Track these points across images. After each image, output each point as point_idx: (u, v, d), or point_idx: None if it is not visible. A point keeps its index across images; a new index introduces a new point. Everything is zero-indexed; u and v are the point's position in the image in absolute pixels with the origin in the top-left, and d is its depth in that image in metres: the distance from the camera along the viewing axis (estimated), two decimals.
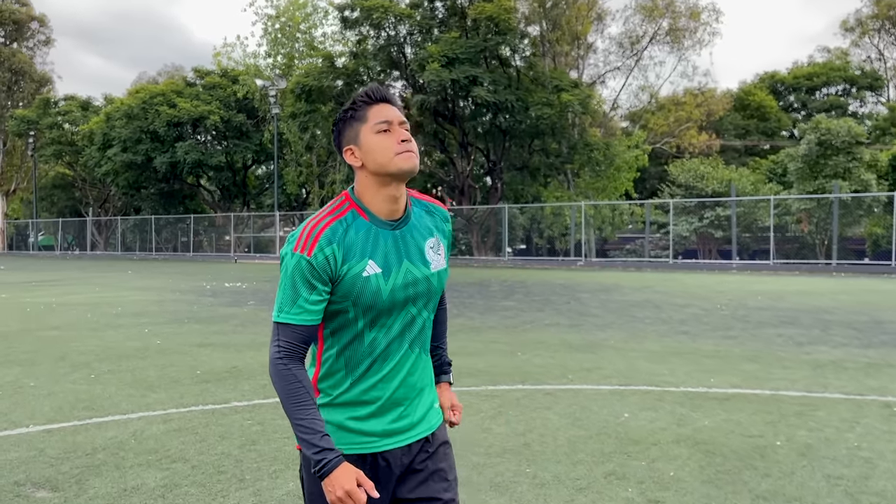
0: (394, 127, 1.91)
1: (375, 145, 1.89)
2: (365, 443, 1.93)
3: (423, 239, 1.98)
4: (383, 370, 1.93)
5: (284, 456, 4.72)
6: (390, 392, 1.94)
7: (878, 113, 45.42)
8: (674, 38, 34.53)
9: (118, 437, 5.15)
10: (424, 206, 2.06)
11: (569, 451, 4.77)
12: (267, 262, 36.88)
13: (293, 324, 1.86)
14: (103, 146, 45.15)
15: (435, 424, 2.06)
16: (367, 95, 1.94)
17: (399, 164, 1.88)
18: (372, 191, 1.92)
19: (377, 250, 1.89)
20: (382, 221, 1.92)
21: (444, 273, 2.02)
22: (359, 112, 1.93)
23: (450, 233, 2.12)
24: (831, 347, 8.82)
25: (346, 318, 1.90)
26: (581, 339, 9.57)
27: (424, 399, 2.03)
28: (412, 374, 1.98)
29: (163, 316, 12.42)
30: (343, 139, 1.96)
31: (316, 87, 32.60)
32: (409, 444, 1.98)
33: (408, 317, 1.94)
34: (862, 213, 27.87)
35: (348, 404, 1.93)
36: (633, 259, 31.96)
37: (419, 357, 2.00)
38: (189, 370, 7.57)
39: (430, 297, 1.98)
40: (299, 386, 1.83)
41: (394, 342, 1.93)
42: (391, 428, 1.95)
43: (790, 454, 4.66)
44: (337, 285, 1.86)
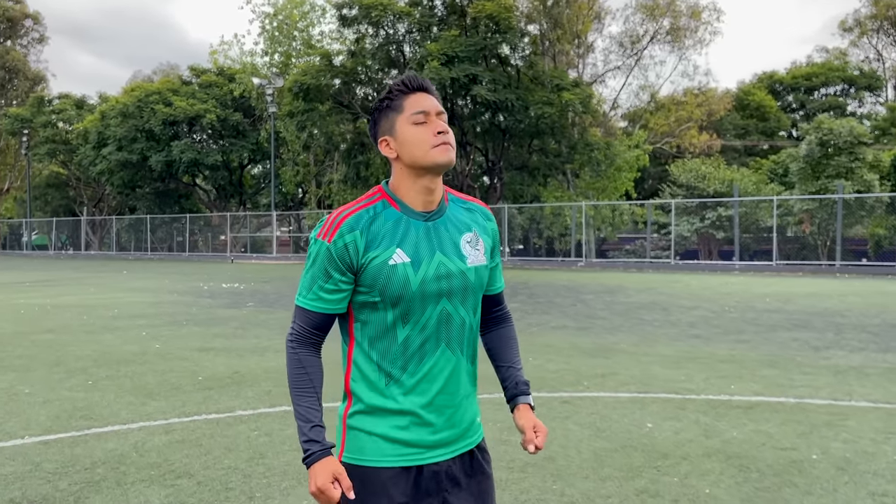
0: (430, 118, 1.84)
1: (411, 137, 1.83)
2: (408, 454, 1.83)
3: (459, 233, 1.90)
4: (420, 371, 1.83)
5: (295, 470, 4.47)
6: (430, 397, 1.84)
7: (877, 113, 45.33)
8: (674, 37, 34.36)
9: (118, 450, 4.89)
10: (463, 203, 1.98)
11: (595, 465, 4.53)
12: (264, 263, 36.58)
13: (307, 309, 1.86)
14: (98, 145, 44.79)
15: (478, 439, 1.96)
16: (403, 84, 1.87)
17: (434, 157, 1.82)
18: (407, 183, 1.86)
19: (407, 240, 1.82)
20: (414, 212, 1.86)
21: (483, 270, 1.92)
22: (395, 101, 1.86)
23: (494, 231, 2.01)
24: (849, 352, 8.61)
25: (375, 309, 1.83)
26: (591, 343, 9.34)
27: (468, 410, 1.93)
28: (453, 381, 1.87)
29: (160, 318, 12.14)
30: (378, 129, 1.90)
31: (314, 86, 32.32)
32: (451, 459, 1.88)
33: (443, 314, 1.84)
34: (864, 214, 27.71)
35: (385, 412, 1.83)
36: (635, 260, 31.77)
37: (460, 362, 1.89)
38: (190, 376, 7.31)
39: (466, 294, 1.88)
40: (303, 372, 1.83)
41: (429, 341, 1.83)
42: (435, 439, 1.85)
43: (829, 469, 4.42)
44: (362, 274, 1.81)
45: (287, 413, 5.83)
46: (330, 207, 41.85)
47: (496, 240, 2.02)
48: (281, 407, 6.04)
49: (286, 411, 5.90)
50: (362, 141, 35.41)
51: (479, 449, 1.96)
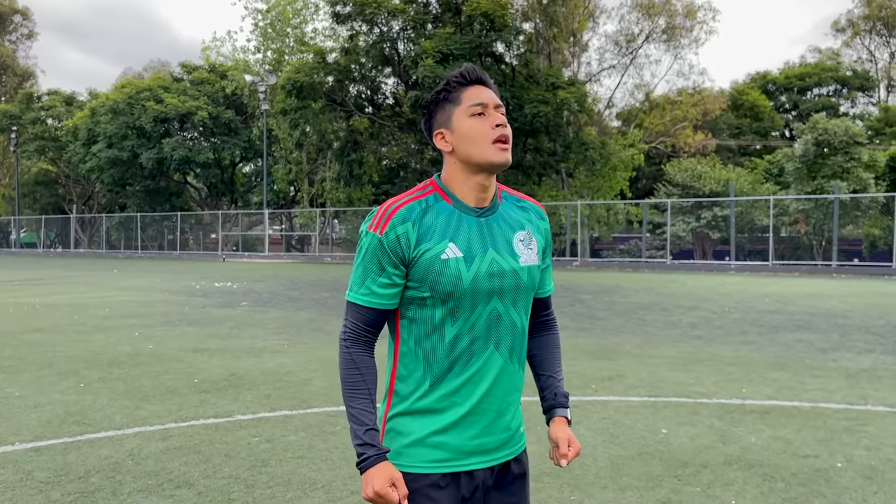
0: (489, 110, 1.79)
1: (469, 129, 1.78)
2: (447, 460, 1.77)
3: (512, 231, 1.84)
4: (466, 372, 1.76)
5: (300, 480, 4.27)
6: (475, 401, 1.77)
7: (870, 114, 45.43)
8: (670, 36, 34.26)
9: (113, 457, 4.68)
10: (517, 201, 1.93)
11: (613, 473, 4.35)
12: (256, 261, 36.29)
13: (360, 304, 1.78)
14: (88, 142, 44.33)
15: (520, 448, 1.90)
16: (461, 76, 1.82)
17: (491, 156, 1.77)
18: (460, 178, 1.81)
19: (459, 234, 1.77)
20: (467, 207, 1.80)
21: (535, 270, 1.86)
22: (452, 94, 1.81)
23: (547, 231, 1.96)
24: (856, 354, 8.48)
25: (423, 305, 1.77)
26: (595, 345, 9.17)
27: (513, 417, 1.86)
28: (500, 384, 1.80)
29: (153, 318, 11.90)
30: (434, 122, 1.85)
31: (307, 84, 32.04)
32: (492, 467, 1.82)
33: (493, 313, 1.77)
34: (859, 214, 27.69)
35: (428, 412, 1.77)
36: (630, 259, 31.68)
37: (509, 364, 1.82)
38: (185, 378, 7.09)
39: (518, 294, 1.81)
40: (356, 372, 1.76)
41: (478, 341, 1.77)
42: (476, 444, 1.79)
43: (856, 478, 4.26)
44: (412, 268, 1.75)
45: (288, 418, 5.63)
46: (323, 206, 41.59)
47: (549, 240, 1.96)
48: (281, 411, 5.84)
49: (287, 416, 5.70)
50: (355, 139, 35.16)
51: (517, 461, 1.88)
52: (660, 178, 35.26)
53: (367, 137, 35.23)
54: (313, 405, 6.03)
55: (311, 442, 4.99)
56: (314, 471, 4.42)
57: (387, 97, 36.22)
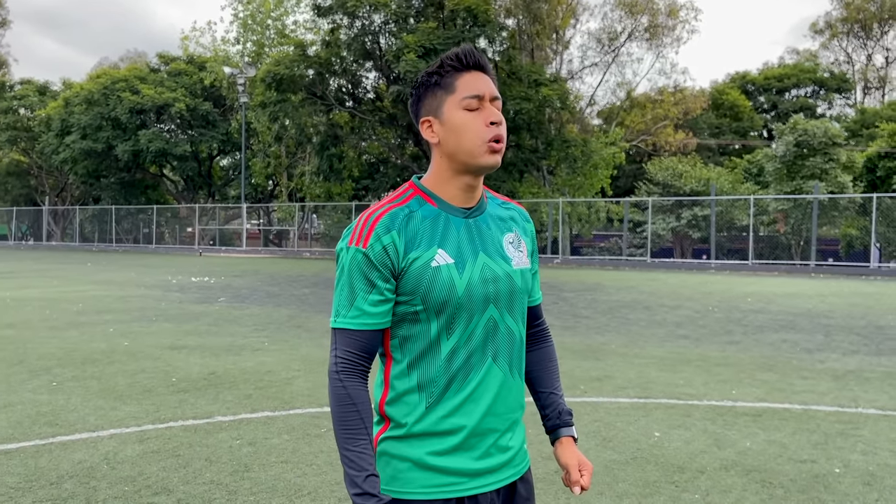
0: (485, 104, 1.61)
1: (460, 123, 1.60)
2: (448, 485, 1.60)
3: (501, 232, 1.69)
4: (465, 389, 1.60)
5: (284, 486, 4.10)
6: (476, 419, 1.61)
7: (847, 115, 45.94)
8: (652, 34, 34.32)
9: (88, 461, 4.47)
10: (502, 203, 1.78)
11: (609, 479, 4.23)
12: (233, 256, 35.85)
13: (351, 329, 1.58)
14: (61, 132, 43.49)
15: (525, 467, 1.74)
16: (457, 59, 1.61)
17: (480, 158, 1.60)
18: (446, 175, 1.64)
19: (448, 239, 1.61)
20: (453, 208, 1.64)
21: (527, 274, 1.72)
22: (446, 79, 1.61)
23: (533, 234, 1.82)
24: (842, 355, 8.46)
25: (416, 320, 1.60)
26: (580, 344, 9.08)
27: (516, 434, 1.71)
28: (502, 399, 1.65)
29: (128, 313, 11.61)
30: (422, 108, 1.66)
31: (287, 76, 31.63)
32: (497, 490, 1.66)
33: (490, 322, 1.62)
34: (836, 215, 27.95)
35: (426, 435, 1.60)
36: (611, 257, 31.72)
37: (509, 378, 1.66)
38: (163, 377, 6.87)
39: (513, 300, 1.66)
40: (353, 410, 1.55)
41: (475, 354, 1.61)
42: (479, 467, 1.62)
43: (855, 484, 4.18)
44: (402, 279, 1.58)
45: (271, 419, 5.45)
46: (302, 201, 41.19)
47: (535, 244, 1.82)
48: (263, 412, 5.65)
49: (269, 417, 5.52)
50: (336, 133, 34.82)
51: (523, 480, 1.73)
52: (641, 176, 35.35)
53: (348, 132, 34.91)
54: (296, 406, 5.85)
55: (295, 445, 4.82)
56: (299, 476, 4.25)
57: (368, 91, 35.92)
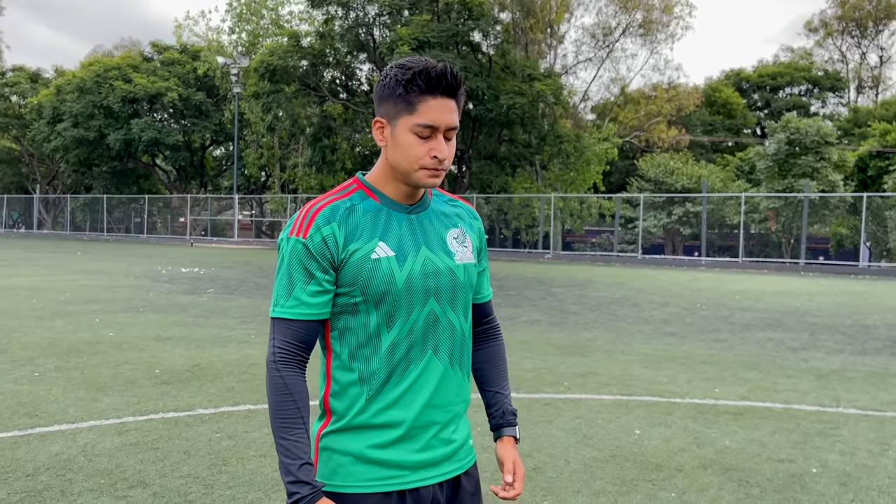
0: (436, 136, 1.60)
1: (405, 146, 1.60)
2: (389, 478, 1.62)
3: (445, 228, 1.71)
4: (404, 382, 1.62)
5: (262, 480, 4.09)
6: (416, 412, 1.63)
7: (840, 114, 46.05)
8: (646, 30, 34.30)
9: (65, 453, 4.45)
10: (447, 199, 1.79)
11: (586, 477, 4.24)
12: (224, 247, 35.75)
13: (289, 319, 1.60)
14: (53, 120, 43.20)
15: (470, 462, 1.75)
16: (427, 81, 1.57)
17: (418, 179, 1.62)
18: (389, 176, 1.66)
19: (389, 233, 1.63)
20: (395, 203, 1.66)
21: (472, 269, 1.73)
22: (410, 96, 1.58)
23: (481, 231, 1.82)
24: (827, 354, 8.49)
25: (356, 312, 1.62)
26: (566, 340, 9.09)
27: (459, 428, 1.72)
28: (442, 392, 1.66)
29: (116, 304, 11.57)
30: (380, 106, 1.65)
31: (280, 67, 31.51)
32: (440, 483, 1.68)
33: (431, 316, 1.64)
34: (827, 213, 28.06)
35: (366, 427, 1.62)
36: (602, 253, 31.78)
37: (450, 371, 1.67)
38: (146, 369, 6.85)
39: (455, 294, 1.68)
40: (289, 399, 1.56)
41: (415, 347, 1.63)
42: (420, 459, 1.64)
43: (831, 484, 4.20)
44: (341, 270, 1.60)
45: (252, 413, 5.44)
46: (294, 192, 41.08)
47: (483, 242, 1.83)
48: (245, 406, 5.64)
49: (250, 411, 5.51)
50: (329, 125, 34.72)
51: (467, 475, 1.74)
52: (633, 172, 35.38)
53: (341, 123, 34.81)
54: None
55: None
56: (276, 470, 4.24)
57: (361, 83, 35.81)
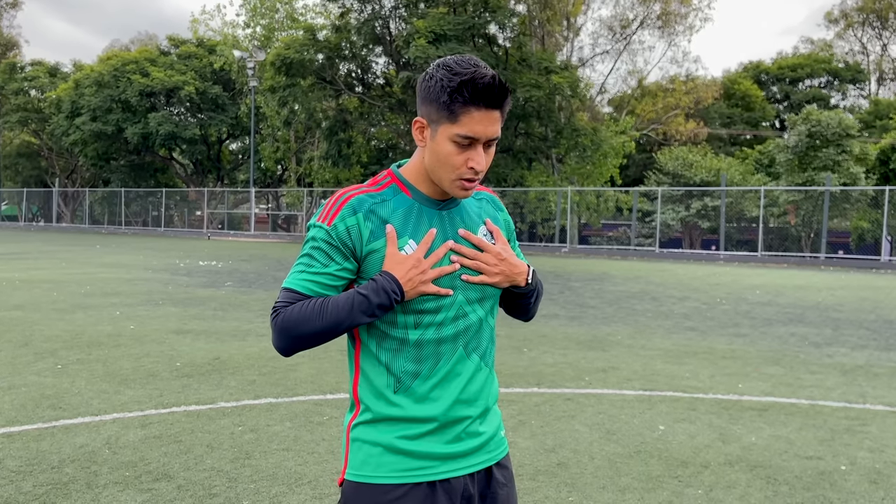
0: (476, 147, 1.58)
1: (443, 154, 1.59)
2: (419, 468, 1.62)
3: (475, 224, 1.71)
4: (433, 378, 1.63)
5: (285, 474, 4.08)
6: (445, 408, 1.64)
7: (860, 106, 45.45)
8: (664, 22, 33.99)
9: (90, 446, 4.47)
10: (475, 194, 1.78)
11: (611, 473, 4.20)
12: (241, 240, 35.92)
13: (298, 291, 1.60)
14: (71, 114, 43.55)
15: (502, 453, 1.76)
16: (474, 92, 1.53)
17: (449, 189, 1.63)
18: (423, 174, 1.67)
19: (420, 230, 1.64)
20: (428, 199, 1.67)
21: None
22: (454, 105, 1.55)
23: (507, 222, 1.83)
24: (851, 349, 8.38)
25: None
26: (586, 334, 9.03)
27: (489, 421, 1.73)
28: (471, 388, 1.67)
29: (135, 296, 11.63)
30: (422, 105, 1.62)
31: (296, 61, 31.53)
32: (472, 474, 1.68)
33: (460, 312, 1.65)
34: (848, 207, 27.72)
35: (396, 420, 1.63)
36: (619, 247, 31.62)
37: (480, 368, 1.69)
38: (167, 361, 6.87)
39: (484, 292, 1.68)
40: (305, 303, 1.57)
41: (445, 343, 1.64)
42: (451, 450, 1.64)
43: (861, 482, 4.13)
44: (368, 265, 1.61)
45: (274, 406, 5.44)
46: (310, 186, 41.18)
47: (511, 230, 1.84)
48: (266, 399, 5.64)
49: (272, 404, 5.50)
50: (345, 118, 34.73)
51: (499, 466, 1.74)
52: (650, 165, 35.13)
53: (357, 117, 34.81)
54: (299, 393, 5.83)
55: (297, 433, 4.80)
56: (300, 464, 4.23)
57: (377, 77, 35.78)
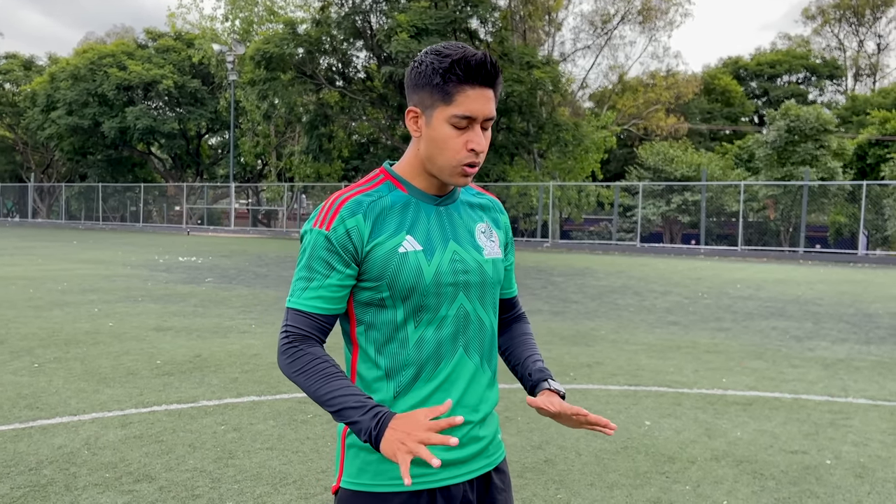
0: (474, 126, 1.53)
1: (441, 138, 1.54)
2: (418, 475, 1.57)
3: (473, 222, 1.67)
4: (435, 380, 1.58)
5: (269, 474, 4.02)
6: (447, 412, 1.58)
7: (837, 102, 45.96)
8: (645, 17, 34.11)
9: (68, 446, 4.37)
10: (474, 192, 1.74)
11: (599, 469, 4.18)
12: (221, 235, 35.62)
13: (306, 312, 1.55)
14: (47, 108, 42.89)
15: (499, 458, 1.72)
16: (467, 69, 1.49)
17: (449, 177, 1.57)
18: (419, 168, 1.61)
19: (417, 225, 1.59)
20: (424, 195, 1.62)
21: (499, 264, 1.69)
22: (448, 86, 1.50)
23: (507, 226, 1.79)
24: (832, 343, 8.45)
25: (382, 307, 1.57)
26: (570, 329, 9.03)
27: (489, 424, 1.69)
28: (472, 391, 1.62)
29: (114, 293, 11.47)
30: (414, 94, 1.57)
31: (276, 55, 31.27)
32: (470, 481, 1.64)
33: (461, 311, 1.60)
34: (826, 202, 28.03)
35: None
36: (601, 242, 31.74)
37: (480, 369, 1.64)
38: (147, 359, 6.76)
39: (484, 290, 1.63)
40: (319, 361, 1.51)
41: (445, 343, 1.58)
42: (449, 458, 1.59)
43: (847, 476, 4.15)
44: (366, 264, 1.56)
45: (256, 404, 5.36)
46: (291, 180, 40.90)
47: (510, 236, 1.80)
48: (249, 397, 5.56)
49: (255, 402, 5.43)
50: (325, 113, 34.51)
51: (497, 471, 1.71)
52: (631, 160, 35.28)
53: (338, 111, 34.61)
54: (282, 391, 5.77)
55: (280, 431, 4.74)
56: (285, 463, 4.17)
57: (358, 71, 35.59)
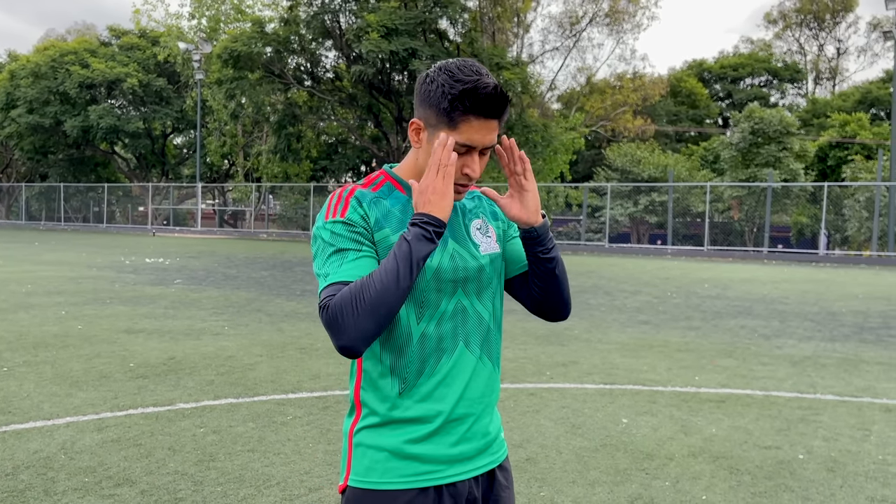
0: (472, 154, 1.60)
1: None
2: (426, 472, 1.61)
3: (469, 220, 1.71)
4: (437, 374, 1.62)
5: (252, 476, 4.00)
6: (451, 405, 1.62)
7: (798, 105, 46.96)
8: (613, 20, 34.49)
9: (44, 451, 4.30)
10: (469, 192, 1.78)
11: (580, 467, 4.24)
12: (188, 236, 35.15)
13: (345, 280, 1.52)
14: (6, 106, 41.91)
15: (502, 456, 1.75)
16: (476, 103, 1.54)
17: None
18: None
19: None
20: None
21: (497, 259, 1.72)
22: (454, 112, 1.55)
23: (501, 214, 1.79)
24: (798, 341, 8.65)
25: None
26: (543, 329, 9.10)
27: (491, 421, 1.72)
28: (474, 384, 1.66)
29: (81, 295, 11.27)
30: (420, 108, 1.62)
31: (244, 53, 30.90)
32: (475, 477, 1.68)
33: (459, 307, 1.64)
34: (788, 202, 28.63)
35: (401, 422, 1.61)
36: (569, 242, 31.99)
37: (481, 363, 1.67)
38: (120, 362, 6.67)
39: (482, 286, 1.68)
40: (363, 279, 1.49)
41: (446, 338, 1.63)
42: (455, 453, 1.63)
43: (819, 470, 4.26)
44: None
45: (234, 406, 5.33)
46: (258, 181, 40.53)
47: (503, 217, 1.79)
48: (226, 399, 5.52)
49: (232, 404, 5.40)
50: (294, 112, 34.26)
51: (501, 469, 1.74)
52: (599, 161, 35.64)
53: (306, 111, 34.38)
54: (260, 393, 5.73)
55: (261, 433, 4.72)
56: (267, 465, 4.16)
57: (327, 71, 35.38)
